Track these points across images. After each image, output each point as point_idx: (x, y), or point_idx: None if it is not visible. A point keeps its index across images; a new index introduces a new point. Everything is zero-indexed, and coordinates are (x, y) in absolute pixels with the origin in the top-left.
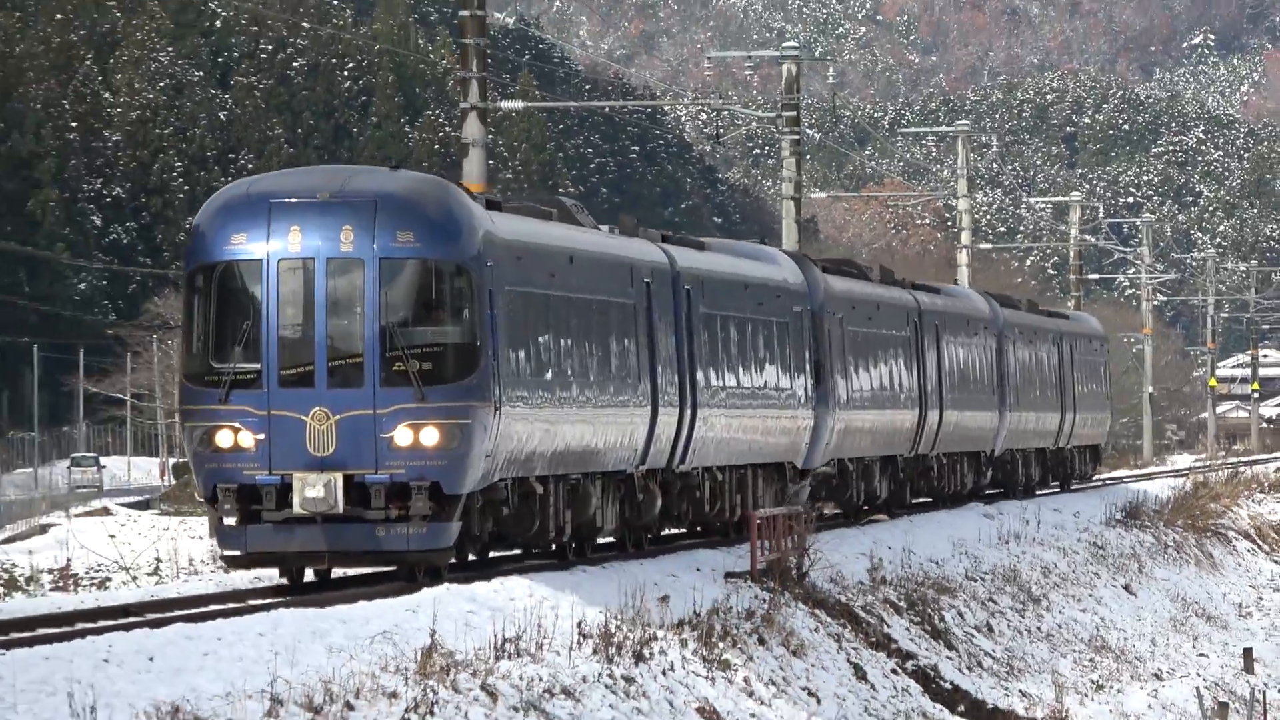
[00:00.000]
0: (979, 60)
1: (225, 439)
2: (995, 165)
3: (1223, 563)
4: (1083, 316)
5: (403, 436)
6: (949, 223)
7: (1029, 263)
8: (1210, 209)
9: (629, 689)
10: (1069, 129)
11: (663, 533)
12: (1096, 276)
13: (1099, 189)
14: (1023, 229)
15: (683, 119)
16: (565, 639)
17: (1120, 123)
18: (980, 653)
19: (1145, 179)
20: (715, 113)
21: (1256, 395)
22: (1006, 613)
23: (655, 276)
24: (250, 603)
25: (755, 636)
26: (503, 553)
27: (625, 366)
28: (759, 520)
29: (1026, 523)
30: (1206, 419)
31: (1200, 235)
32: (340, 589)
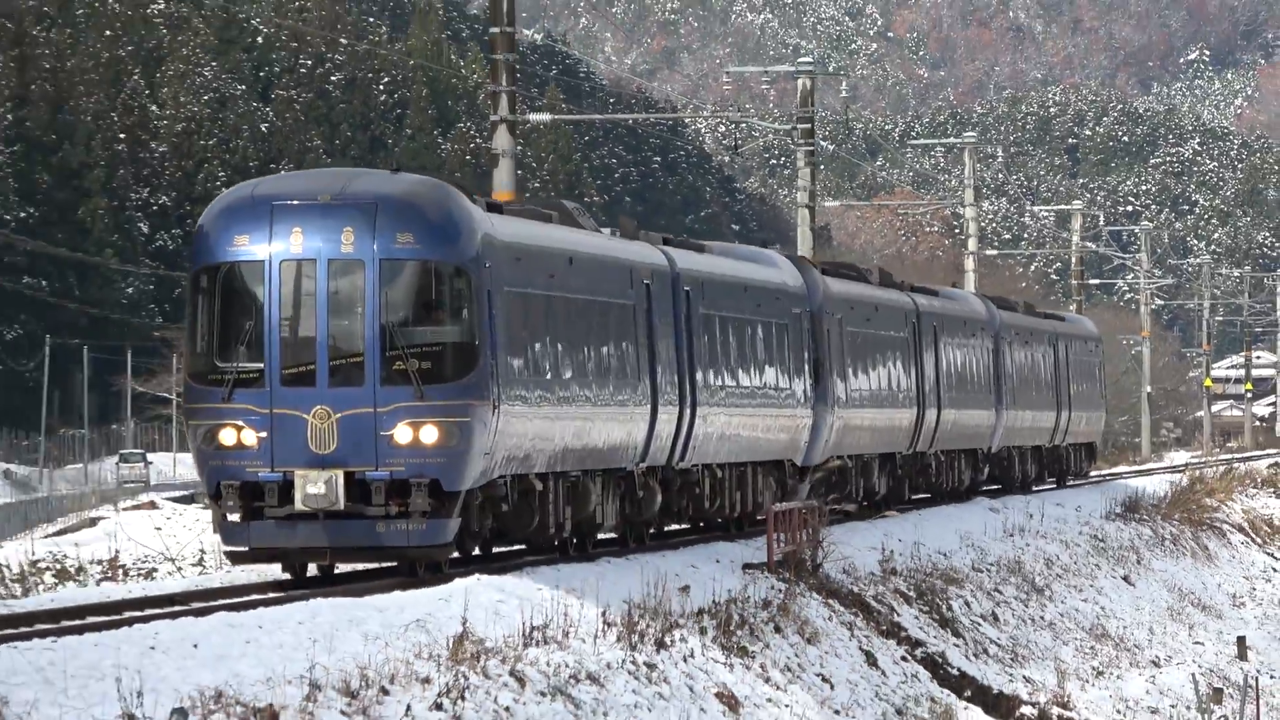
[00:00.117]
0: (985, 75)
1: (229, 437)
2: (1000, 175)
3: (1217, 555)
4: (1078, 319)
5: (402, 434)
6: (956, 230)
7: (1033, 268)
8: (1205, 217)
9: (651, 675)
10: (1071, 141)
11: (665, 529)
12: (1097, 281)
13: (1099, 198)
14: (1027, 236)
15: (702, 131)
16: (590, 627)
17: (1120, 135)
18: (986, 640)
19: (1143, 188)
20: (734, 125)
21: (1249, 395)
22: (1011, 602)
23: (655, 278)
24: (290, 593)
25: (772, 625)
26: (505, 548)
27: (625, 366)
28: (775, 514)
29: (1030, 516)
30: (1202, 417)
31: (1196, 242)
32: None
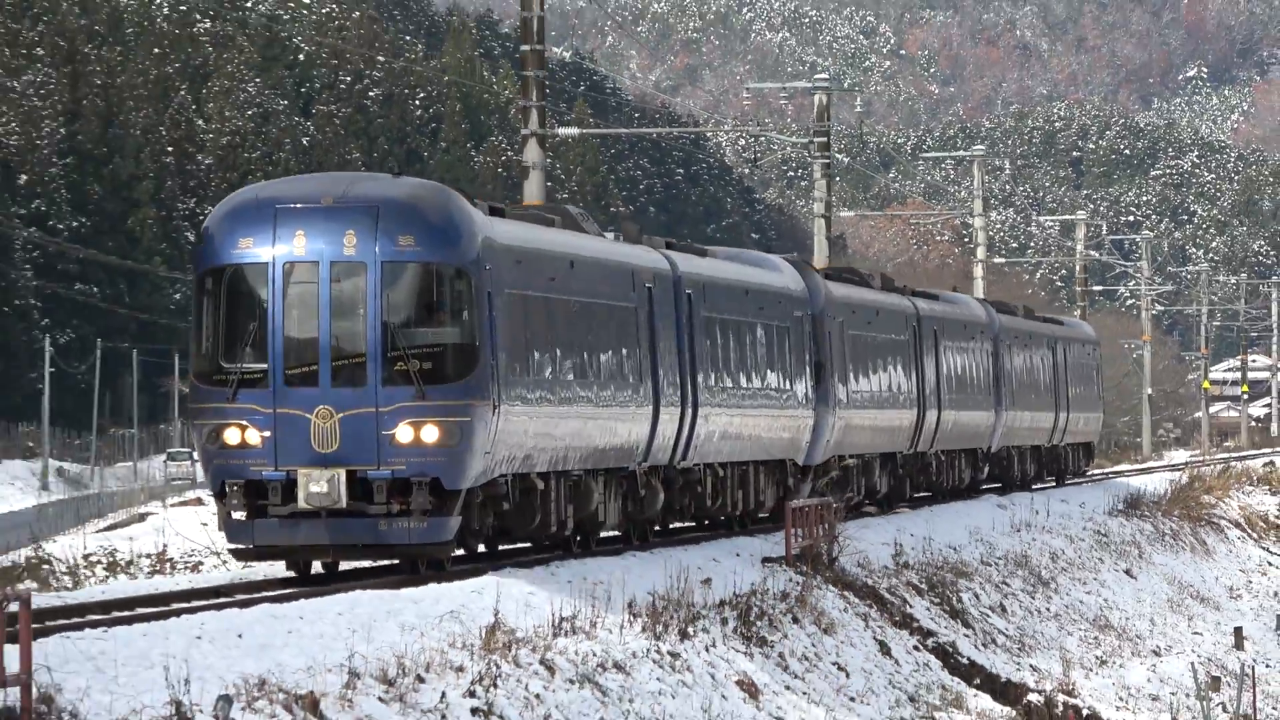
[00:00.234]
0: (993, 91)
1: (233, 436)
2: (1008, 187)
3: (1215, 549)
4: (1076, 323)
5: (404, 434)
6: (966, 239)
7: (1038, 275)
8: (1204, 227)
9: (674, 663)
10: (1075, 154)
11: (669, 526)
12: (1100, 288)
13: (1102, 208)
14: (1033, 245)
15: (724, 144)
16: (616, 618)
17: (1122, 148)
18: (994, 631)
19: (1144, 199)
20: (753, 139)
21: (1246, 396)
22: (1018, 594)
23: (657, 281)
24: (330, 585)
25: (790, 616)
26: (508, 546)
27: (627, 367)
28: (792, 510)
29: (1036, 513)
30: (1200, 418)
31: (1194, 251)
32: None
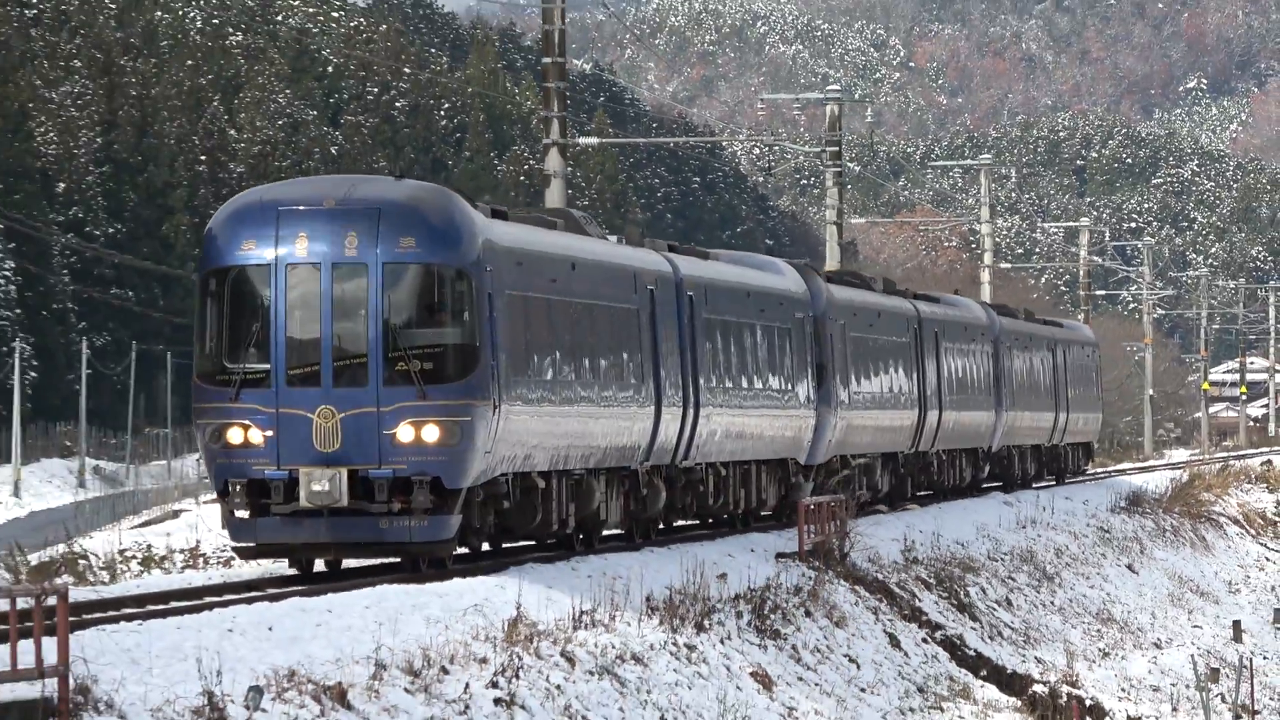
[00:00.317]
0: (999, 101)
1: (236, 435)
2: (1014, 194)
3: (1214, 545)
4: (1076, 325)
5: (405, 433)
6: (973, 245)
7: (1043, 280)
8: (1203, 233)
9: (691, 655)
10: (1079, 162)
11: (672, 524)
12: (1103, 292)
13: (1105, 215)
14: (1038, 251)
15: (739, 153)
16: (635, 611)
17: (1124, 157)
18: (1000, 624)
19: (1146, 206)
20: (767, 148)
21: (1244, 397)
22: (1024, 589)
23: (659, 283)
24: (358, 579)
25: (802, 610)
26: (511, 544)
27: (628, 368)
28: (805, 507)
29: (1041, 510)
30: (1200, 418)
31: (1194, 256)
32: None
